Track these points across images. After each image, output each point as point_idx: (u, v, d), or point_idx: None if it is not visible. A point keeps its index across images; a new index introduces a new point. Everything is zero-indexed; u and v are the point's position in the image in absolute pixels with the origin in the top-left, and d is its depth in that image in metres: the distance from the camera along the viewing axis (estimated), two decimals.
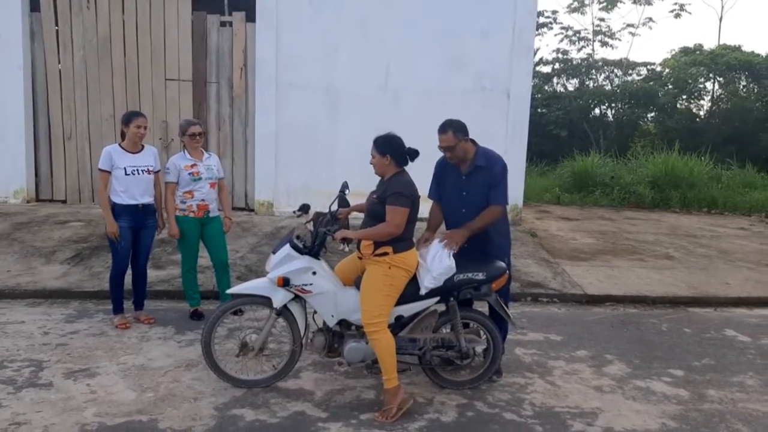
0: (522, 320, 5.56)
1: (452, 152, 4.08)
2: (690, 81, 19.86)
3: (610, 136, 20.16)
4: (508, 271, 4.12)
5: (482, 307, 4.28)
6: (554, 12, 22.52)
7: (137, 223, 5.06)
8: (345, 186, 4.39)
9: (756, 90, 20.10)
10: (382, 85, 9.51)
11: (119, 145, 5.07)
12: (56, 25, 9.58)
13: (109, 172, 4.95)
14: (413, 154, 3.86)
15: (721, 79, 20.49)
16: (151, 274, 5.97)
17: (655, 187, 13.48)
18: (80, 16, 9.52)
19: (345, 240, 3.82)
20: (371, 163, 3.93)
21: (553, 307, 6.22)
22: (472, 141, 4.19)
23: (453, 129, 4.04)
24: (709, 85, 20.81)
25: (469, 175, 4.18)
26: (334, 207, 4.15)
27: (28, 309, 5.54)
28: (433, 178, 4.41)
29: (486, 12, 9.43)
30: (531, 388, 4.17)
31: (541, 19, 21.76)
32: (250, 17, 9.50)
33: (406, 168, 3.93)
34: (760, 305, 6.41)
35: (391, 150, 3.83)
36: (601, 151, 16.90)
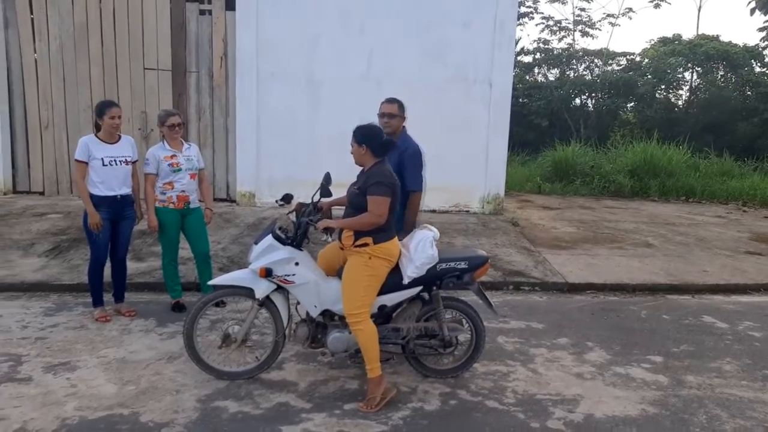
0: (504, 308, 5.59)
1: (391, 119, 4.51)
2: (669, 71, 20.01)
3: (590, 125, 20.29)
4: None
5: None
6: (535, 2, 22.43)
7: (116, 215, 4.99)
8: (327, 177, 4.37)
9: (733, 80, 20.32)
10: (364, 75, 9.46)
11: (95, 135, 4.98)
12: (31, 13, 9.38)
13: (86, 163, 4.87)
14: (389, 145, 3.86)
15: (699, 69, 20.68)
16: (132, 266, 5.91)
17: (635, 176, 13.63)
18: (56, 4, 9.32)
19: (328, 229, 3.81)
20: (351, 152, 3.94)
21: (534, 295, 6.27)
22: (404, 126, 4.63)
23: (398, 104, 4.58)
24: (687, 75, 21.01)
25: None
26: (317, 197, 4.13)
27: (6, 302, 5.45)
28: None
29: (468, 2, 9.42)
30: (513, 376, 4.21)
31: (522, 9, 21.76)
32: (230, 5, 9.40)
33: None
34: (737, 292, 6.52)
35: (368, 140, 3.82)
36: (582, 141, 17.01)
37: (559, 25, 22.32)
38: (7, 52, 9.41)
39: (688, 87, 21.25)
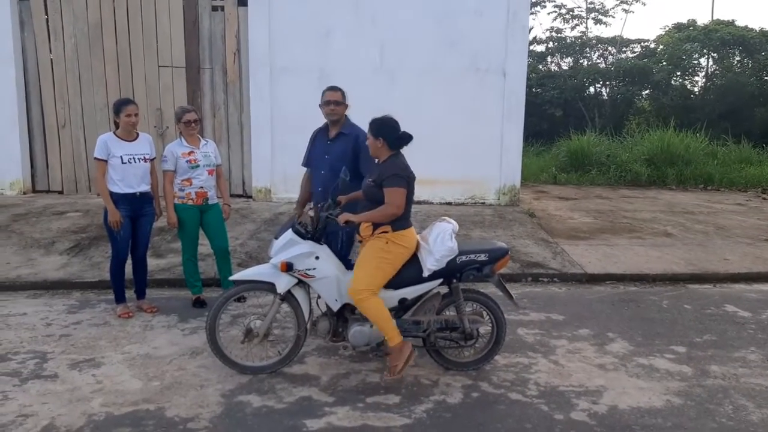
0: (523, 300, 5.57)
1: (337, 107, 4.55)
2: (684, 57, 19.79)
3: (605, 114, 20.12)
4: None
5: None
6: None
7: (135, 212, 5.03)
8: (345, 171, 4.38)
9: (750, 65, 20.05)
10: (377, 67, 9.43)
11: (114, 133, 5.02)
12: (46, 13, 9.45)
13: (106, 161, 4.90)
14: (406, 138, 3.87)
15: (715, 54, 20.44)
16: (152, 262, 5.95)
17: (651, 164, 13.50)
18: (70, 4, 9.38)
19: (348, 223, 3.82)
20: (366, 144, 3.96)
21: (553, 286, 6.24)
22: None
23: (342, 92, 4.59)
24: (703, 61, 20.77)
25: (333, 140, 4.62)
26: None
27: (30, 300, 5.53)
28: (307, 147, 4.83)
29: None
30: (535, 368, 4.19)
31: None
32: (242, 1, 9.39)
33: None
34: (759, 280, 6.45)
35: (384, 133, 3.84)
36: (597, 130, 16.88)
37: (571, 13, 22.16)
38: (24, 52, 9.49)
39: (704, 73, 21.02)
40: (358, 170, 4.48)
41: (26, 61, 9.52)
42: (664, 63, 20.26)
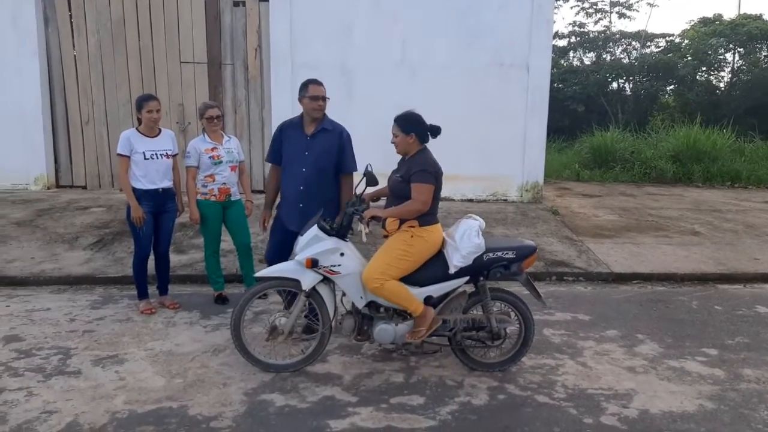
0: (549, 300, 5.43)
1: (323, 102, 4.48)
2: (710, 52, 19.41)
3: (628, 110, 19.81)
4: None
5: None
6: None
7: (157, 208, 5.01)
8: (369, 166, 4.33)
9: None
10: (399, 62, 9.35)
11: (137, 129, 5.00)
12: (69, 10, 9.50)
13: (129, 157, 4.90)
14: (436, 130, 3.90)
15: (741, 49, 20.01)
16: (174, 258, 5.94)
17: (677, 161, 13.23)
18: (93, 0, 9.42)
19: (374, 218, 3.78)
20: (393, 142, 3.93)
21: (579, 285, 6.12)
22: None
23: (324, 86, 4.51)
24: (729, 56, 20.35)
25: (313, 137, 4.50)
26: (362, 187, 4.07)
27: (53, 296, 5.55)
28: (273, 142, 4.68)
29: None
30: (562, 370, 4.10)
31: None
32: None
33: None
34: None
35: (415, 128, 3.86)
36: (620, 126, 16.61)
37: (595, 7, 21.82)
38: (48, 49, 9.55)
39: (730, 68, 20.60)
40: (339, 166, 4.48)
41: (50, 57, 9.58)
42: (689, 58, 19.89)
